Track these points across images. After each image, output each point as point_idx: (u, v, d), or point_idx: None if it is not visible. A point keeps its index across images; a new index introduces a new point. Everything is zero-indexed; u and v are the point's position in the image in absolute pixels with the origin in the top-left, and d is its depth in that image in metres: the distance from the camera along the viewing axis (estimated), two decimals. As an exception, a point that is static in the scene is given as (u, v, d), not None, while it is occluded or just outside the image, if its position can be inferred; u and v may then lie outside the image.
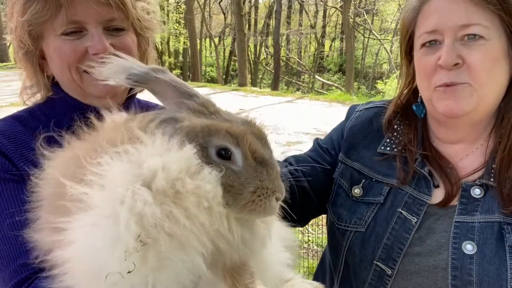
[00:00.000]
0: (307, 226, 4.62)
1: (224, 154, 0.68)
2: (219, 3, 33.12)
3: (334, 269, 1.22)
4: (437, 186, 1.10)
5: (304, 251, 4.27)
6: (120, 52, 0.99)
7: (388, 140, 1.20)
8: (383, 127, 1.22)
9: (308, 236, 4.51)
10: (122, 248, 0.58)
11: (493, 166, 1.06)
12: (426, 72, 1.07)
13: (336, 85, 25.14)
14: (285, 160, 1.34)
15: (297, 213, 1.23)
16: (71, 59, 1.04)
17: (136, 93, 1.20)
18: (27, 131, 1.06)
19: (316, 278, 1.36)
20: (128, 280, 0.59)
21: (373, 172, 1.18)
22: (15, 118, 1.10)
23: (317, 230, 4.53)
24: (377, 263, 1.07)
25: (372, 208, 1.14)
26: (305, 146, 7.99)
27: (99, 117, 0.77)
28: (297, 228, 4.63)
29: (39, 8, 1.01)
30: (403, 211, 1.09)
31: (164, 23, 1.22)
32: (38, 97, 1.16)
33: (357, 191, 1.17)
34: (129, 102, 1.17)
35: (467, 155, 1.11)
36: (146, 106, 1.23)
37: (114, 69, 0.73)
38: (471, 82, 1.01)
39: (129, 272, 0.58)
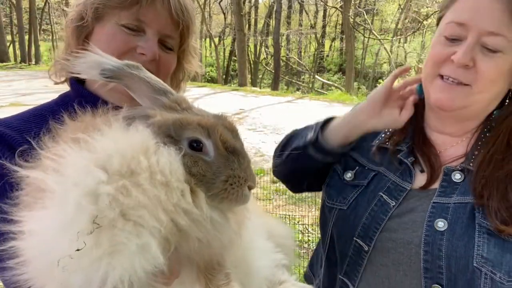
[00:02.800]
0: (307, 226, 4.62)
1: (196, 146, 0.69)
2: (219, 3, 33.12)
3: (323, 243, 1.31)
4: (422, 171, 1.16)
5: (304, 251, 4.27)
6: (153, 65, 1.09)
7: (383, 134, 1.28)
8: None
9: (308, 236, 4.51)
10: (74, 230, 0.57)
11: (475, 153, 1.12)
12: (436, 59, 1.10)
13: (336, 85, 25.14)
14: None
15: (298, 178, 1.37)
16: (118, 48, 1.07)
17: None
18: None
19: (311, 263, 1.45)
20: (79, 263, 0.57)
21: (367, 161, 1.26)
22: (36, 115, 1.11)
23: (317, 230, 4.54)
24: (356, 239, 1.16)
25: (356, 190, 1.22)
26: (305, 146, 7.98)
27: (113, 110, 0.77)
28: (297, 228, 4.63)
29: None
30: (383, 195, 1.16)
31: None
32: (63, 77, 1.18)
33: (349, 175, 1.26)
34: None
35: (453, 145, 1.18)
36: None
37: (88, 63, 0.73)
38: (473, 86, 1.04)
39: (77, 250, 0.57)
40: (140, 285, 0.62)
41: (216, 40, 32.25)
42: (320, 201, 1.38)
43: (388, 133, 1.27)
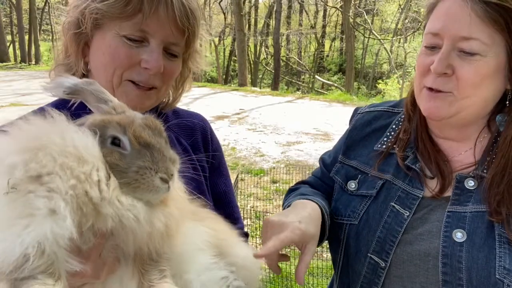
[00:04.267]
0: (307, 226, 4.61)
1: (116, 142, 0.77)
2: (219, 3, 33.11)
3: (334, 264, 1.26)
4: (431, 178, 1.13)
5: (304, 251, 4.27)
6: (158, 76, 1.06)
7: (385, 138, 1.24)
8: (390, 123, 1.27)
9: (308, 236, 4.50)
10: None
11: (487, 159, 1.09)
12: (420, 70, 1.10)
13: (336, 85, 25.15)
14: (302, 182, 1.42)
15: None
16: (122, 63, 1.02)
17: (164, 114, 1.22)
18: None
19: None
20: None
21: (369, 168, 1.21)
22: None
23: (317, 230, 4.53)
24: (371, 255, 1.10)
25: (365, 202, 1.17)
26: (305, 146, 8.00)
27: None
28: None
29: (120, 4, 0.99)
30: (395, 205, 1.11)
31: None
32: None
33: (352, 185, 1.21)
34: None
35: (464, 152, 1.14)
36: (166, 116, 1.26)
37: (54, 85, 0.85)
38: (455, 92, 1.03)
39: None
40: (54, 256, 0.67)
41: (216, 40, 32.24)
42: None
43: (391, 137, 1.23)
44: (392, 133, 1.24)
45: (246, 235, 1.19)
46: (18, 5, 27.15)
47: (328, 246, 1.33)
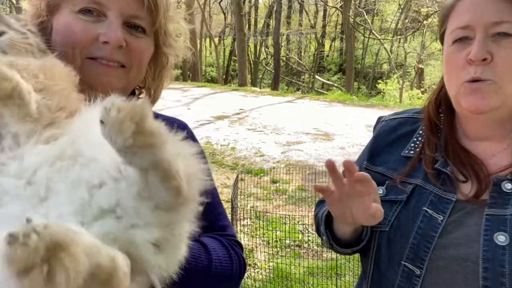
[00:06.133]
0: (307, 226, 4.62)
1: None
2: (219, 3, 33.11)
3: (364, 273, 1.21)
4: (464, 181, 1.09)
5: (304, 251, 4.27)
6: (123, 53, 0.96)
7: (412, 144, 1.20)
8: (416, 129, 1.23)
9: (308, 236, 4.51)
10: None
11: None
12: (455, 68, 1.07)
13: (336, 85, 25.15)
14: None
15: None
16: (78, 39, 0.94)
17: (138, 94, 1.15)
18: None
19: None
20: None
21: (397, 174, 1.17)
22: None
23: (317, 230, 4.53)
24: (405, 263, 1.06)
25: (395, 207, 1.12)
26: (305, 146, 7.99)
27: None
28: (297, 228, 4.63)
29: None
30: (428, 210, 1.07)
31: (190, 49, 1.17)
32: None
33: (380, 191, 1.16)
34: None
35: (498, 152, 1.11)
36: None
37: None
38: (495, 79, 1.01)
39: None
40: None
41: (216, 40, 32.24)
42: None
43: (418, 143, 1.20)
44: (419, 138, 1.20)
45: (238, 244, 1.09)
46: (17, 5, 27.15)
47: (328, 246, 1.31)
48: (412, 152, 1.18)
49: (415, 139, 1.21)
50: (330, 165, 0.96)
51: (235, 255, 1.03)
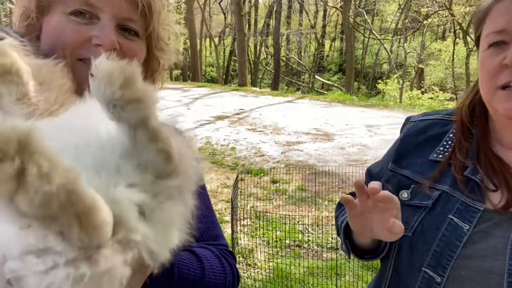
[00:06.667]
0: (307, 226, 4.62)
1: None
2: (219, 3, 33.11)
3: (382, 277, 1.19)
4: (494, 191, 1.05)
5: (304, 251, 4.27)
6: (126, 56, 0.92)
7: (441, 148, 1.16)
8: (446, 132, 1.20)
9: (308, 236, 4.51)
10: None
11: None
12: (490, 72, 1.04)
13: (336, 85, 25.16)
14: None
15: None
16: (69, 41, 0.90)
17: None
18: None
19: None
20: None
21: (424, 178, 1.13)
22: None
23: (317, 230, 4.54)
24: (426, 270, 1.03)
25: (419, 213, 1.09)
26: (305, 146, 8.00)
27: None
28: (297, 228, 4.63)
29: None
30: (454, 218, 1.04)
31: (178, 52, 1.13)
32: None
33: (405, 195, 1.14)
34: None
35: None
36: None
37: None
38: None
39: None
40: None
41: (216, 40, 32.25)
42: (320, 200, 1.34)
43: (448, 147, 1.16)
44: (450, 142, 1.16)
45: (231, 254, 1.07)
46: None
47: (327, 246, 1.31)
48: (441, 156, 1.14)
49: (444, 143, 1.16)
50: (360, 186, 0.96)
51: (228, 265, 1.01)
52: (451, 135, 1.18)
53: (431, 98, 19.84)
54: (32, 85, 0.69)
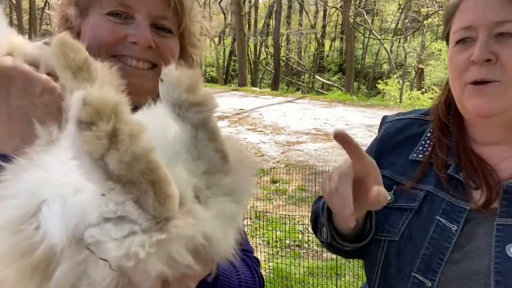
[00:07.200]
0: (307, 226, 4.62)
1: None
2: (219, 3, 33.11)
3: (369, 284, 1.15)
4: (475, 189, 1.03)
5: (304, 251, 4.27)
6: (152, 54, 0.97)
7: (420, 147, 1.15)
8: (424, 131, 1.18)
9: (308, 236, 4.51)
10: None
11: None
12: (458, 69, 1.03)
13: (336, 85, 25.16)
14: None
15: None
16: (105, 39, 0.94)
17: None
18: None
19: None
20: None
21: (406, 179, 1.11)
22: None
23: (317, 230, 4.53)
24: (416, 274, 1.00)
25: (405, 215, 1.07)
26: (305, 146, 8.00)
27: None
28: (297, 228, 4.63)
29: None
30: (441, 219, 1.01)
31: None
32: None
33: (388, 197, 1.09)
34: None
35: (508, 157, 1.05)
36: None
37: None
38: (503, 80, 0.96)
39: None
40: None
41: (216, 40, 32.24)
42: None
43: (427, 146, 1.14)
44: (428, 141, 1.15)
45: (257, 261, 1.07)
46: (18, 6, 27.16)
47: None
48: (421, 155, 1.13)
49: (423, 142, 1.15)
50: (342, 135, 0.85)
51: (257, 276, 1.00)
52: (429, 135, 1.16)
53: (431, 98, 19.83)
54: (99, 83, 0.71)
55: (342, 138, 0.85)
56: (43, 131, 0.63)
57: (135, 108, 0.85)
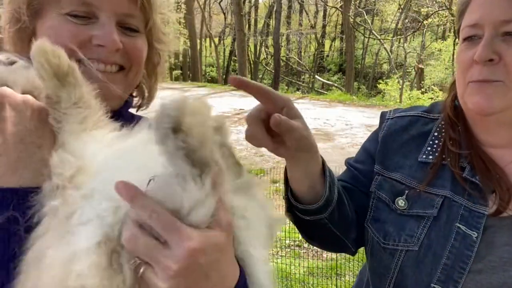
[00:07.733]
0: (307, 226, 4.62)
1: None
2: (219, 3, 33.12)
3: None
4: (493, 192, 0.99)
5: (304, 251, 4.28)
6: (120, 56, 0.90)
7: (429, 148, 1.10)
8: (432, 129, 1.14)
9: (308, 236, 4.51)
10: None
11: None
12: (462, 66, 1.02)
13: (336, 85, 25.16)
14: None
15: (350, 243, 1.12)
16: (67, 42, 0.83)
17: (130, 104, 1.08)
18: None
19: None
20: None
21: (417, 182, 1.06)
22: None
23: (317, 230, 4.54)
24: (435, 286, 0.95)
25: (423, 223, 1.01)
26: (305, 146, 7.99)
27: None
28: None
29: None
30: (461, 226, 0.97)
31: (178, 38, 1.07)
32: None
33: (401, 203, 1.06)
34: (120, 111, 1.00)
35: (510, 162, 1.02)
36: (131, 118, 1.05)
37: None
38: (506, 80, 0.95)
39: None
40: None
41: (216, 40, 32.27)
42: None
43: (435, 146, 1.09)
44: (436, 141, 1.10)
45: None
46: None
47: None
48: (430, 157, 1.07)
49: (431, 142, 1.10)
50: (236, 80, 0.87)
51: None
52: (436, 134, 1.12)
53: (431, 98, 19.83)
54: (86, 86, 0.71)
55: (239, 83, 0.88)
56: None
57: (113, 114, 0.82)
